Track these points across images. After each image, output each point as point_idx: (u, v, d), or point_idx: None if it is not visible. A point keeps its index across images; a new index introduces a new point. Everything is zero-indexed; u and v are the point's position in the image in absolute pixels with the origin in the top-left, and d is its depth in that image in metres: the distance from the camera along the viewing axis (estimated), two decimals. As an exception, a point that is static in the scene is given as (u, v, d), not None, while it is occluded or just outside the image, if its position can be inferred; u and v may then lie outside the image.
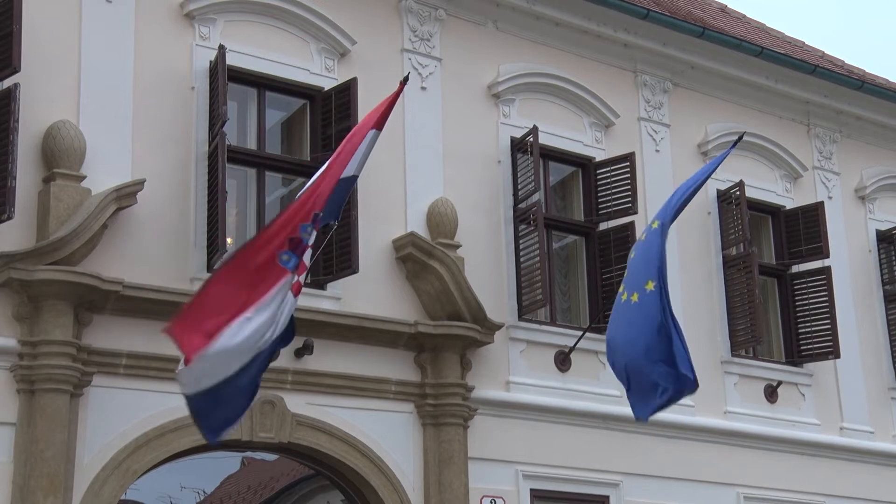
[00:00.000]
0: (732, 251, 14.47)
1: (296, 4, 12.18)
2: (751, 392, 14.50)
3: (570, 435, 12.86)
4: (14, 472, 9.86)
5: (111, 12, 11.17)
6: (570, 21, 13.98)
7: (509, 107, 13.48)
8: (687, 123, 14.88)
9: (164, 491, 11.06)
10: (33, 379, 9.98)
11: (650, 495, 13.20)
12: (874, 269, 16.16)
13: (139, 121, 11.10)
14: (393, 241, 12.18)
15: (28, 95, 10.26)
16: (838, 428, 15.12)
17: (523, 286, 12.82)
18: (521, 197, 13.06)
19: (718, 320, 14.32)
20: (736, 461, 13.97)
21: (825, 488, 14.65)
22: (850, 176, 16.31)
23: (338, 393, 11.56)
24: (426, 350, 12.05)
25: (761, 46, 15.39)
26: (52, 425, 9.91)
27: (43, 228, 10.29)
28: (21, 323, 10.11)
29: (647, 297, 10.55)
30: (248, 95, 12.02)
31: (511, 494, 12.36)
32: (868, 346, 15.70)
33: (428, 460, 11.90)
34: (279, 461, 11.64)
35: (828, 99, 16.10)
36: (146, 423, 10.54)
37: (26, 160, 10.34)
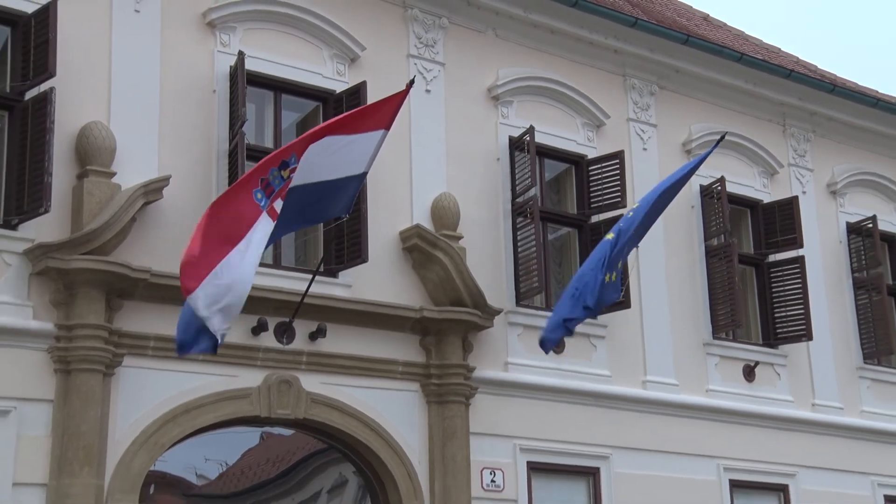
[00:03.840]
0: (714, 242, 14.48)
1: (309, 13, 12.17)
2: (730, 372, 14.53)
3: (563, 412, 12.88)
4: (52, 444, 9.87)
5: (139, 21, 11.15)
6: (564, 29, 13.98)
7: (508, 108, 13.48)
8: (672, 124, 14.87)
9: (190, 463, 11.08)
10: (69, 360, 10.00)
11: (637, 467, 13.23)
12: (844, 259, 16.17)
13: (165, 121, 11.08)
14: (400, 232, 12.18)
15: (62, 98, 10.27)
16: (810, 404, 15.15)
17: (521, 274, 12.85)
18: (518, 192, 13.05)
19: (701, 305, 14.35)
20: (717, 435, 14.00)
21: (798, 459, 14.70)
22: (822, 172, 16.31)
23: (349, 373, 11.56)
24: (431, 334, 12.06)
25: (741, 52, 15.40)
26: (86, 402, 9.94)
27: (77, 221, 10.30)
28: (57, 308, 10.13)
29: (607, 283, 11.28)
30: (266, 98, 12.00)
31: (509, 466, 12.36)
32: (838, 330, 15.74)
33: (432, 435, 11.92)
34: (295, 436, 11.69)
35: (802, 101, 16.10)
36: (173, 400, 10.55)
37: (61, 158, 10.34)
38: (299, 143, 9.65)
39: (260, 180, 9.36)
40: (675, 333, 13.97)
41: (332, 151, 9.74)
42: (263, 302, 10.95)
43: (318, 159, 9.67)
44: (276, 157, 9.49)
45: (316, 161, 9.66)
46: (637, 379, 13.52)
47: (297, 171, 9.55)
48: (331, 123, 9.87)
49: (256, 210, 9.32)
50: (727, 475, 14.03)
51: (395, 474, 11.62)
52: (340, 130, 9.76)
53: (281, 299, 11.05)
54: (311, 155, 9.59)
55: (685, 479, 13.60)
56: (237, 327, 10.84)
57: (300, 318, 11.16)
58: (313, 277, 10.96)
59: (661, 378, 13.72)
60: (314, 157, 9.62)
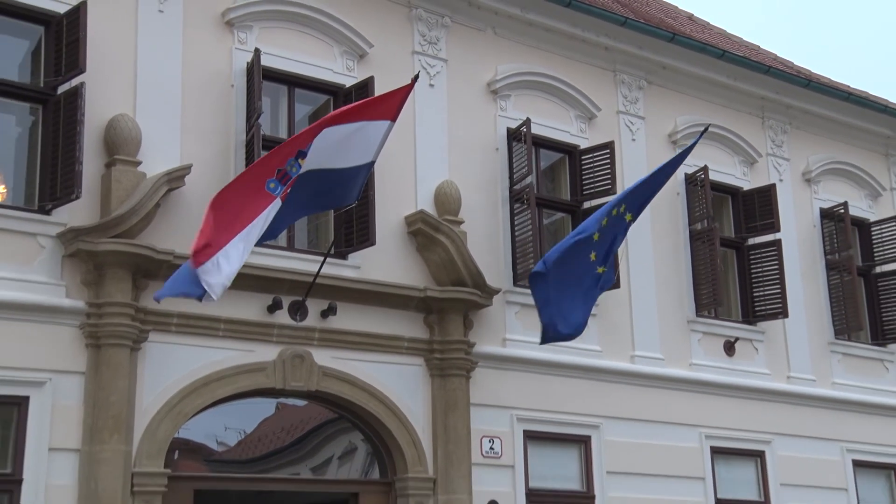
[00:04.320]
0: (697, 226, 14.46)
1: (321, 13, 12.15)
2: (712, 347, 14.54)
3: (557, 384, 12.89)
4: (84, 413, 9.92)
5: (163, 21, 11.14)
6: (558, 27, 13.94)
7: (506, 101, 13.44)
8: (659, 116, 14.84)
9: (211, 431, 11.05)
10: (99, 335, 10.03)
11: (626, 435, 13.24)
12: (818, 242, 16.15)
13: (187, 114, 11.09)
14: (405, 217, 12.18)
15: (92, 92, 10.29)
16: (786, 377, 15.16)
17: (518, 256, 12.85)
18: (515, 179, 13.04)
19: (685, 285, 14.36)
20: (699, 406, 14.02)
21: (774, 427, 14.72)
22: (798, 161, 16.29)
23: (358, 348, 11.57)
24: (434, 312, 12.05)
25: (723, 50, 15.36)
26: (115, 375, 9.99)
27: (105, 207, 10.32)
28: (88, 288, 10.16)
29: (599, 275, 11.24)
30: (280, 92, 11.97)
31: (507, 435, 12.38)
32: (811, 308, 15.74)
33: (435, 406, 11.93)
34: (308, 406, 11.66)
35: (779, 95, 16.07)
36: (195, 373, 10.58)
37: (91, 148, 10.35)
38: (313, 131, 9.61)
39: (276, 171, 9.37)
40: (660, 311, 13.99)
41: (341, 140, 9.72)
42: (278, 282, 11.02)
43: (328, 147, 9.66)
44: (292, 147, 9.49)
45: (326, 149, 9.65)
46: (626, 354, 13.53)
47: (308, 157, 9.55)
48: (341, 112, 9.84)
49: (269, 199, 9.36)
50: (708, 442, 14.04)
51: (400, 442, 11.64)
52: (349, 118, 9.74)
53: (294, 279, 11.07)
54: (322, 143, 9.58)
55: (670, 446, 13.62)
56: (254, 305, 11.00)
57: (312, 297, 11.18)
58: (325, 259, 11.00)
59: (647, 353, 13.75)
60: (324, 145, 9.61)
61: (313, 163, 9.65)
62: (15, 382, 9.69)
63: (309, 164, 9.60)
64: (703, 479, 13.89)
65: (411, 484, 11.60)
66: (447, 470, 11.72)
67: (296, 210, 10.01)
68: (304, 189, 9.74)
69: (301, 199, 9.79)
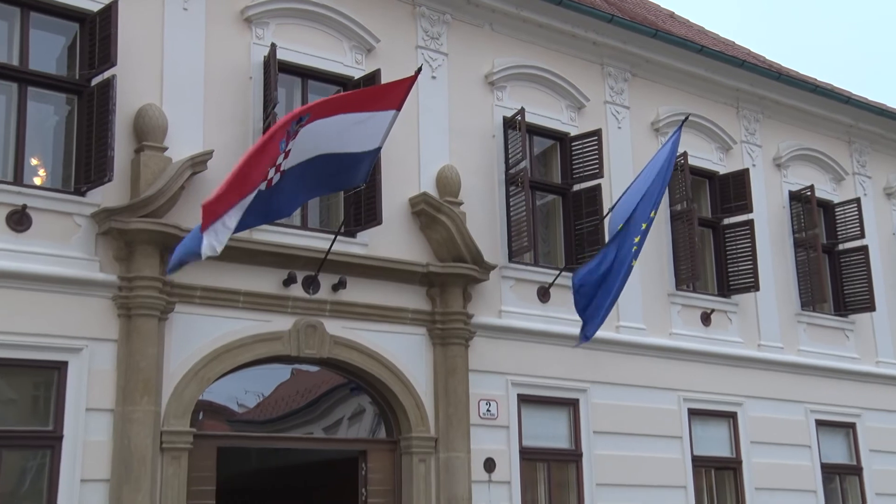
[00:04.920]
0: (678, 207, 14.45)
1: (332, 10, 12.11)
2: (690, 318, 14.55)
3: (548, 352, 12.91)
4: (117, 377, 9.98)
5: (187, 18, 11.13)
6: (550, 24, 13.89)
7: (502, 92, 13.40)
8: (643, 106, 14.80)
9: (232, 394, 11.03)
10: (130, 306, 10.06)
11: (611, 398, 13.30)
12: (787, 222, 16.14)
13: (209, 104, 11.08)
14: (409, 199, 12.17)
15: (123, 84, 10.29)
16: (756, 344, 15.18)
17: (512, 235, 12.83)
18: (511, 164, 13.01)
19: (666, 261, 14.36)
20: (678, 371, 14.05)
21: (745, 391, 14.76)
22: (769, 148, 16.26)
23: (366, 319, 11.59)
24: (435, 285, 12.06)
25: (701, 45, 15.32)
26: (144, 342, 10.02)
27: (135, 189, 10.33)
28: (119, 263, 10.18)
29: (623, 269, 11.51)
30: (294, 83, 11.94)
31: (502, 398, 12.42)
32: (780, 282, 15.75)
33: (437, 372, 11.95)
34: (321, 372, 11.64)
35: (753, 87, 16.03)
36: (217, 341, 10.61)
37: (121, 135, 10.35)
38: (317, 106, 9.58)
39: (287, 132, 9.30)
40: (643, 285, 13.99)
41: (349, 127, 9.69)
42: (293, 258, 11.04)
43: (338, 133, 9.65)
44: (296, 114, 9.42)
45: (336, 135, 9.64)
46: (611, 324, 13.45)
47: (320, 140, 9.52)
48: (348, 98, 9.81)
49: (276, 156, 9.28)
50: (686, 405, 14.08)
51: (405, 404, 11.68)
52: (357, 108, 9.71)
53: (308, 256, 11.08)
54: (331, 128, 9.56)
55: (651, 408, 13.67)
56: (270, 279, 11.02)
57: (324, 272, 11.19)
58: (335, 237, 11.01)
59: (631, 323, 13.78)
60: (334, 131, 9.60)
61: (324, 148, 9.65)
62: (55, 349, 9.74)
63: (321, 149, 9.61)
64: (681, 438, 13.93)
65: (415, 443, 11.64)
66: (447, 430, 11.75)
67: (309, 191, 10.02)
68: (316, 171, 9.75)
69: (313, 181, 9.79)
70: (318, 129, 9.51)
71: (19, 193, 9.84)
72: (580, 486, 12.89)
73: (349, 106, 9.71)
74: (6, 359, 9.55)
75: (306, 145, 9.52)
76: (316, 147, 9.61)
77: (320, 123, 9.49)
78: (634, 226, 11.49)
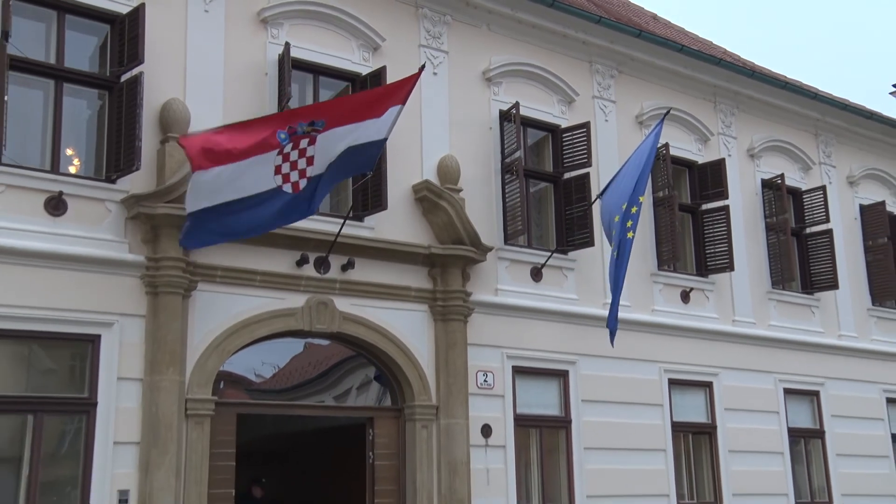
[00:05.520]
0: (660, 194, 14.44)
1: (341, 12, 12.08)
2: (671, 295, 14.57)
3: (540, 327, 12.93)
4: (145, 349, 10.02)
5: (208, 19, 11.11)
6: (543, 24, 13.87)
7: (498, 87, 13.38)
8: (628, 101, 14.77)
9: (250, 365, 11.01)
10: (156, 284, 10.08)
11: (598, 370, 13.32)
12: (759, 207, 16.14)
13: (228, 98, 11.05)
14: (412, 186, 12.17)
15: (149, 80, 10.29)
16: (731, 320, 15.20)
17: (508, 219, 12.83)
18: (506, 154, 13.01)
19: (649, 244, 14.34)
20: (659, 345, 14.07)
21: (720, 362, 14.79)
22: (743, 139, 16.25)
23: (372, 297, 11.60)
24: (437, 266, 12.06)
25: (682, 45, 15.29)
26: (170, 318, 10.05)
27: (161, 177, 10.33)
28: (147, 245, 10.19)
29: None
30: (306, 79, 11.91)
31: (498, 369, 12.44)
32: (753, 262, 15.76)
33: (438, 345, 11.96)
34: (331, 345, 11.62)
35: (728, 83, 16.01)
36: (236, 317, 10.64)
37: (148, 127, 10.35)
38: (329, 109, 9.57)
39: (288, 127, 9.28)
40: (630, 266, 13.92)
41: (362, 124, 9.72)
42: (305, 240, 11.04)
43: (352, 131, 9.66)
44: (307, 115, 9.43)
45: (350, 132, 9.65)
46: (599, 301, 13.54)
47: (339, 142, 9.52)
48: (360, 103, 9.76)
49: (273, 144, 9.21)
50: (666, 375, 14.12)
51: (408, 375, 11.70)
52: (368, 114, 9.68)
53: (319, 238, 11.08)
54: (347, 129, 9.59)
55: (634, 378, 13.70)
56: (285, 260, 11.02)
57: (334, 253, 11.20)
58: (344, 221, 11.01)
59: (616, 300, 13.84)
60: (348, 130, 9.61)
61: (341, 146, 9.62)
62: (89, 323, 9.78)
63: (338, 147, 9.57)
64: (662, 406, 13.97)
65: (417, 410, 11.67)
66: (448, 398, 11.78)
67: (329, 183, 10.02)
68: (335, 164, 9.77)
69: (331, 173, 9.81)
70: (335, 133, 9.54)
71: (56, 181, 9.86)
72: (569, 450, 12.93)
73: (361, 113, 9.67)
74: (45, 332, 9.59)
75: (328, 151, 9.55)
76: (335, 148, 9.62)
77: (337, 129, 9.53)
78: (626, 212, 11.44)
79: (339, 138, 9.58)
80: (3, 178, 9.59)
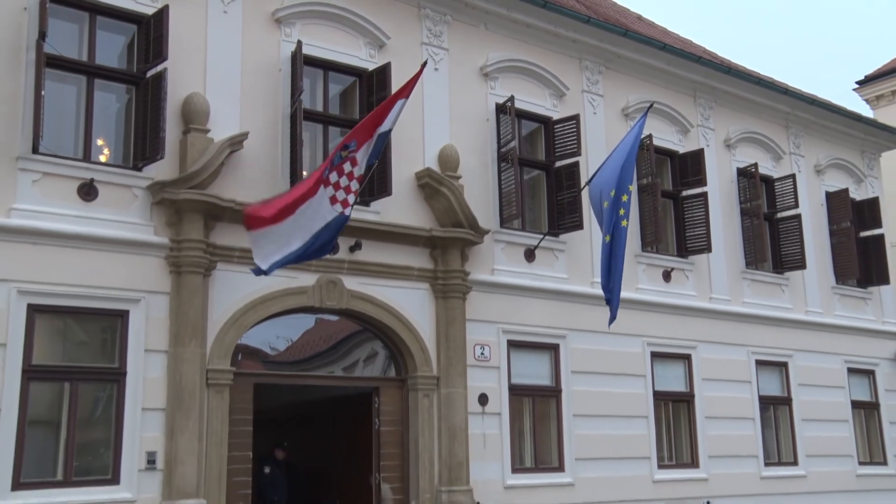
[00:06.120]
0: (644, 181, 14.41)
1: (349, 12, 12.05)
2: (654, 275, 14.60)
3: (533, 304, 12.96)
4: (169, 323, 10.05)
5: (227, 19, 11.09)
6: (536, 24, 13.84)
7: (494, 82, 13.36)
8: (615, 95, 14.74)
9: (265, 339, 11.00)
10: (179, 264, 10.12)
11: (586, 343, 13.36)
12: (735, 194, 16.16)
13: (244, 92, 11.04)
14: (415, 173, 12.16)
15: (173, 76, 10.30)
16: (708, 297, 15.24)
17: (503, 204, 12.83)
18: (502, 144, 13.00)
19: (635, 227, 14.27)
20: (642, 320, 14.07)
21: (698, 336, 14.84)
22: (721, 131, 16.24)
23: (378, 276, 11.62)
24: (437, 247, 12.08)
25: (664, 43, 15.26)
26: (192, 295, 10.10)
27: (183, 165, 10.35)
28: (171, 227, 10.22)
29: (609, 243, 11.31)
30: (317, 74, 11.88)
31: (494, 343, 12.47)
32: (729, 244, 15.79)
33: (439, 321, 11.99)
34: (340, 320, 11.60)
35: (707, 79, 15.98)
36: (252, 294, 10.66)
37: (171, 119, 10.37)
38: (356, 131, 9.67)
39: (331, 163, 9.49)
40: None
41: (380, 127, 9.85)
42: (317, 224, 11.09)
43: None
44: (341, 146, 9.57)
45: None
46: (587, 280, 13.58)
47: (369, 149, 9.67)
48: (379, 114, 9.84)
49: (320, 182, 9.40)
50: (649, 348, 14.17)
51: (412, 348, 11.75)
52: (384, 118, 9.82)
53: (329, 223, 11.12)
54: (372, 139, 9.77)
55: (620, 351, 13.74)
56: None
57: (342, 235, 10.89)
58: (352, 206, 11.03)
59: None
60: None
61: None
62: (118, 299, 9.82)
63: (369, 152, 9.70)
64: (645, 376, 14.03)
65: (420, 381, 11.72)
66: (448, 370, 11.82)
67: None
68: None
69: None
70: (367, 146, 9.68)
71: (88, 169, 9.87)
72: (559, 417, 12.99)
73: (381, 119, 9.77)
74: (78, 307, 9.63)
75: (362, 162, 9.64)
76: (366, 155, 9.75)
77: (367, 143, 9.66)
78: (616, 199, 11.42)
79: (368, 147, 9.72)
80: (40, 167, 9.61)
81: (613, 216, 11.32)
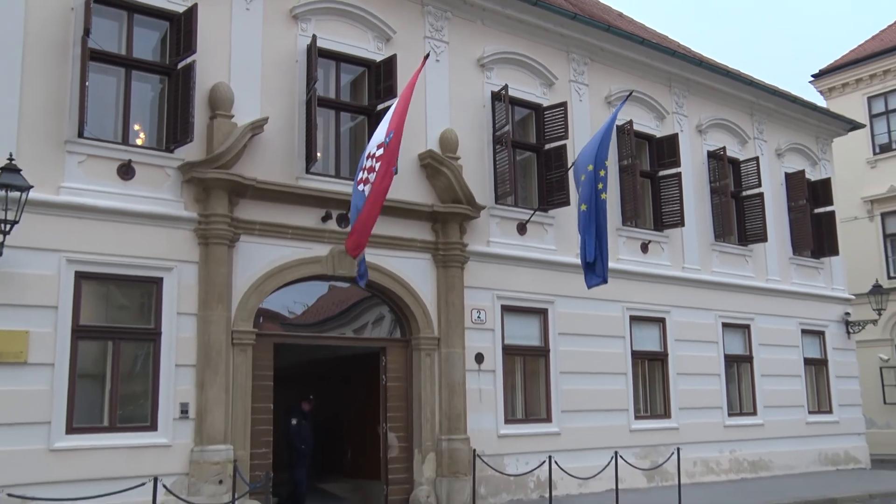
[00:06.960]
0: (624, 162, 14.42)
1: (360, 9, 11.99)
2: (632, 247, 14.62)
3: (525, 273, 12.99)
4: (199, 289, 10.10)
5: (249, 16, 11.05)
6: (528, 19, 13.76)
7: (490, 72, 13.31)
8: (599, 84, 14.70)
9: (284, 303, 11.01)
10: (207, 236, 10.13)
11: (572, 308, 13.41)
12: (705, 174, 16.15)
13: (265, 81, 11.01)
14: (418, 154, 12.14)
15: (201, 67, 10.30)
16: (681, 267, 15.30)
17: (498, 182, 12.83)
18: (497, 128, 12.98)
19: (615, 204, 14.31)
20: (622, 287, 14.06)
21: (671, 302, 14.91)
22: (693, 117, 16.21)
23: (385, 247, 11.62)
24: (438, 222, 12.09)
25: (642, 38, 15.20)
26: (218, 264, 10.13)
27: (210, 147, 10.34)
28: (199, 203, 10.24)
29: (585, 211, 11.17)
30: (330, 65, 11.85)
31: (489, 308, 12.51)
32: (700, 220, 15.78)
33: (439, 288, 12.02)
34: (351, 287, 11.56)
35: (681, 71, 15.94)
36: (271, 263, 10.69)
37: (199, 106, 10.36)
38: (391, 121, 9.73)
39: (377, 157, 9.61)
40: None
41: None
42: (329, 200, 11.08)
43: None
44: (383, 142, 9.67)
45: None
46: (573, 251, 13.46)
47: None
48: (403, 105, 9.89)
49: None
50: (628, 312, 14.23)
51: (415, 312, 11.78)
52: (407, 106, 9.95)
53: (340, 199, 11.09)
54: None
55: (602, 315, 13.81)
56: (312, 216, 11.03)
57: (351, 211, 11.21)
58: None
59: (588, 251, 13.85)
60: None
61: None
62: (153, 268, 9.87)
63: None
64: (624, 338, 14.11)
65: (422, 341, 11.78)
66: (447, 332, 11.87)
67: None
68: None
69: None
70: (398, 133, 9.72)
71: (126, 151, 9.90)
72: (547, 374, 13.07)
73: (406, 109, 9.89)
74: (119, 275, 9.69)
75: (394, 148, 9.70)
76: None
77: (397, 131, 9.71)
78: (595, 173, 11.37)
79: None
80: (84, 149, 9.62)
81: (591, 188, 11.29)
